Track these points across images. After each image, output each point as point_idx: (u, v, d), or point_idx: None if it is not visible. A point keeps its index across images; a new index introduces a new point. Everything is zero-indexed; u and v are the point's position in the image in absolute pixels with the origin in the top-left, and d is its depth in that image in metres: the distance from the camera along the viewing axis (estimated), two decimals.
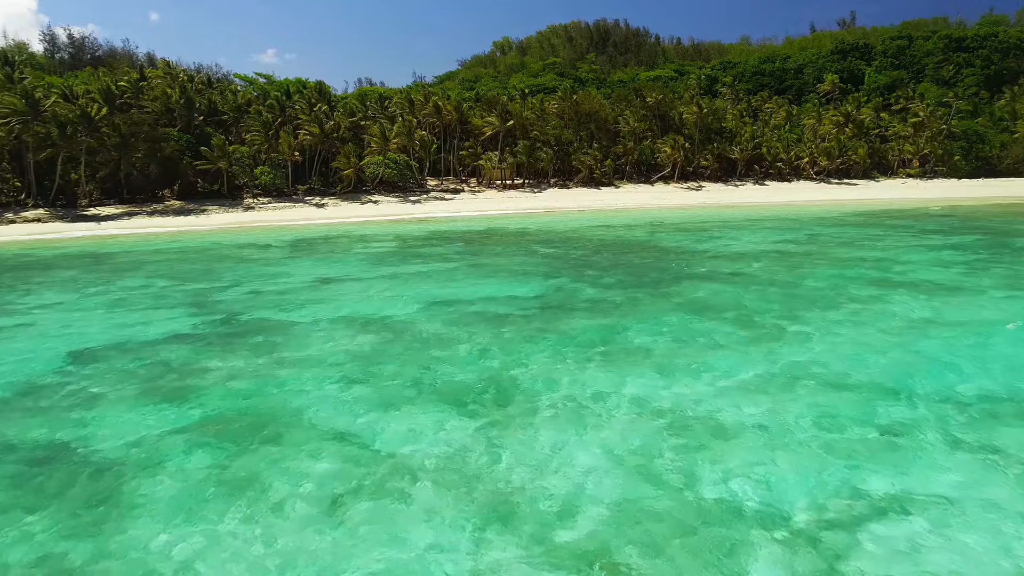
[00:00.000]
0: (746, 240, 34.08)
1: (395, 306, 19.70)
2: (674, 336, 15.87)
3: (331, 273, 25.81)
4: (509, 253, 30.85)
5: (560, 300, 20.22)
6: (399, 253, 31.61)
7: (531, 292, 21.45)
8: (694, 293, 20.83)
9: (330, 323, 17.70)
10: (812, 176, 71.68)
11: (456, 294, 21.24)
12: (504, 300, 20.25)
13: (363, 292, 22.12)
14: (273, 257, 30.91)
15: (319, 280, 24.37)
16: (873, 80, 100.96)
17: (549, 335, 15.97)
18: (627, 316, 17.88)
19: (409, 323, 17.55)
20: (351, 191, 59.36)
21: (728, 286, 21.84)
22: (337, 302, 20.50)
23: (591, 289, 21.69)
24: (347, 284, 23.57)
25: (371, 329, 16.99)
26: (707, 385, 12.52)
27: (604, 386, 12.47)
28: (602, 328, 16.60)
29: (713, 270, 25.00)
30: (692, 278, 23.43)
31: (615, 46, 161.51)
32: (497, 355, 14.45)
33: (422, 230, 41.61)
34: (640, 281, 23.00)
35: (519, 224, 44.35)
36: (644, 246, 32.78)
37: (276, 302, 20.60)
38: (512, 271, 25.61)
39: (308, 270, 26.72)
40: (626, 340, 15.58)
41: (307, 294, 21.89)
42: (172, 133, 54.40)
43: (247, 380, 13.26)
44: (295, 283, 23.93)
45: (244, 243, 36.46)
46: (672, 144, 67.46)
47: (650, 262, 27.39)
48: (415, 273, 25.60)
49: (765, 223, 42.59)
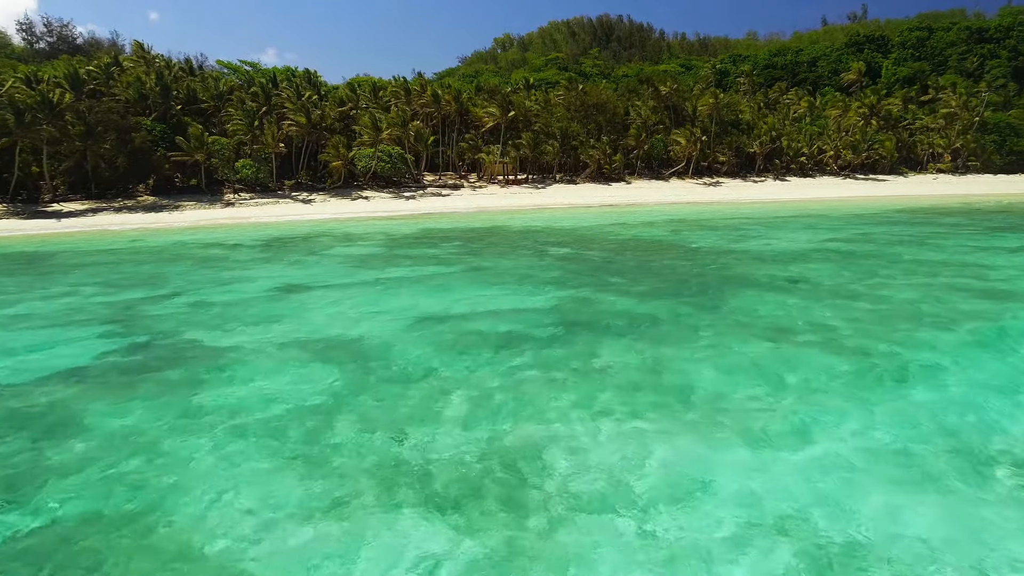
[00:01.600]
0: (786, 239, 29.53)
1: (370, 325, 15.18)
2: (752, 374, 11.33)
3: (300, 279, 21.28)
4: (515, 254, 26.34)
5: (584, 316, 15.69)
6: (386, 255, 27.09)
7: (545, 304, 16.93)
8: (754, 306, 16.30)
9: (279, 351, 13.16)
10: (836, 171, 67.03)
11: (451, 307, 16.72)
12: (511, 316, 15.72)
13: (333, 305, 17.59)
14: (238, 259, 26.39)
15: (283, 288, 19.85)
16: (892, 73, 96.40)
17: (577, 374, 11.43)
18: (677, 341, 13.34)
19: (384, 352, 13.00)
20: (341, 186, 54.82)
21: (794, 297, 17.31)
22: (297, 319, 15.97)
23: (621, 301, 17.15)
24: (316, 293, 19.04)
25: (332, 361, 12.45)
26: (830, 466, 7.99)
27: (672, 476, 7.92)
28: (648, 361, 12.06)
29: (765, 275, 20.45)
30: (744, 285, 18.89)
31: (619, 41, 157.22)
32: (506, 412, 9.84)
33: (415, 228, 37.08)
34: (680, 290, 18.46)
35: (524, 221, 39.82)
36: (671, 246, 28.24)
37: (220, 318, 16.08)
38: (519, 276, 21.08)
39: (274, 275, 22.20)
40: (686, 381, 11.05)
41: (262, 307, 17.36)
42: (145, 122, 49.89)
43: (125, 456, 8.72)
44: (252, 292, 19.41)
45: (211, 242, 31.94)
46: (687, 137, 62.86)
47: (684, 266, 22.85)
48: (402, 279, 21.08)
49: (799, 220, 38.02)
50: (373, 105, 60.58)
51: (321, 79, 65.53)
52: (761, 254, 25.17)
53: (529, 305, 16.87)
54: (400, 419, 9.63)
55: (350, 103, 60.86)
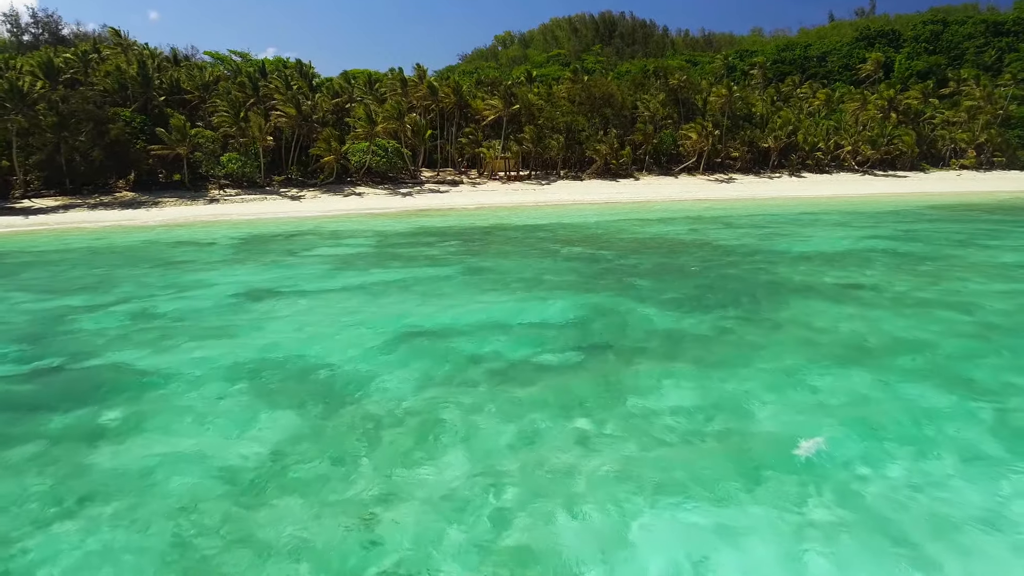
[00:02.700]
0: (821, 238, 26.51)
1: (342, 345, 12.18)
2: (853, 422, 8.32)
3: (272, 283, 18.29)
4: (520, 254, 23.33)
5: (608, 333, 12.68)
6: (375, 255, 24.08)
7: (559, 316, 13.92)
8: (811, 318, 13.29)
9: (219, 384, 10.16)
10: (854, 167, 63.91)
11: (444, 319, 13.72)
12: (518, 332, 12.73)
13: (302, 316, 14.59)
14: (207, 260, 23.39)
15: (248, 294, 16.84)
16: (905, 67, 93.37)
17: (610, 423, 8.43)
18: (733, 369, 10.33)
19: (354, 387, 9.99)
20: (333, 182, 51.79)
21: (856, 305, 14.29)
22: (254, 336, 12.97)
23: (650, 311, 14.15)
24: (285, 302, 16.03)
25: (283, 402, 9.44)
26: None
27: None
28: (702, 403, 9.05)
29: (812, 279, 17.44)
30: (792, 292, 15.88)
31: (622, 37, 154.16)
32: (516, 495, 6.83)
33: (410, 226, 34.08)
34: (718, 298, 15.45)
35: (528, 219, 36.81)
36: (694, 245, 25.21)
37: (160, 335, 13.08)
38: (527, 281, 18.07)
39: (242, 278, 19.20)
40: (760, 436, 8.04)
41: (216, 319, 14.36)
42: (124, 113, 46.86)
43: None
44: (211, 300, 16.41)
45: (183, 241, 28.95)
46: (699, 131, 59.75)
47: (715, 267, 19.83)
48: (390, 283, 18.08)
49: (827, 217, 34.99)
50: (368, 97, 57.53)
51: (313, 70, 62.50)
52: (799, 254, 22.14)
53: (539, 317, 13.87)
54: (367, 502, 6.63)
55: (344, 95, 57.79)
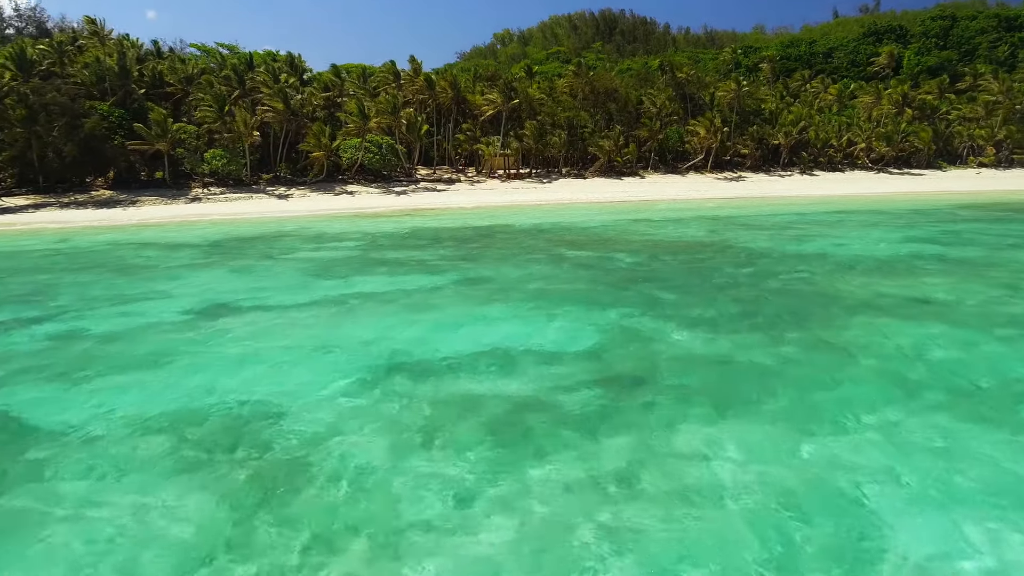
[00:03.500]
0: (856, 240, 23.93)
1: (300, 381, 9.56)
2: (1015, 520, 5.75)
3: (235, 295, 15.68)
4: (522, 260, 20.73)
5: (637, 366, 10.07)
6: (360, 259, 21.46)
7: (574, 342, 11.31)
8: (893, 344, 10.70)
9: (132, 439, 7.53)
10: (868, 165, 61.37)
11: (432, 347, 11.10)
12: (525, 366, 10.12)
13: (260, 340, 11.98)
14: (171, 265, 20.75)
15: (204, 309, 14.23)
16: (915, 63, 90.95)
17: (652, 501, 5.83)
18: (809, 424, 7.73)
19: (309, 452, 7.34)
20: (323, 180, 49.16)
21: (936, 325, 11.70)
22: (195, 367, 10.35)
23: (684, 336, 11.54)
24: (244, 320, 13.41)
25: (207, 472, 6.82)
26: None
27: None
28: (781, 477, 6.45)
29: (871, 292, 14.86)
30: (850, 307, 13.29)
31: (622, 35, 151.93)
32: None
33: (403, 227, 31.47)
34: (765, 317, 12.84)
35: (530, 220, 34.21)
36: (717, 250, 22.61)
37: (78, 364, 10.47)
38: (531, 293, 15.47)
39: (203, 288, 16.59)
40: (870, 531, 5.45)
41: (153, 343, 11.74)
42: (102, 107, 44.20)
43: None
44: (157, 316, 13.79)
45: (152, 243, 26.33)
46: (707, 127, 57.16)
47: (750, 277, 17.23)
48: (372, 296, 15.48)
49: (853, 217, 32.43)
50: (361, 91, 54.89)
51: (305, 64, 59.79)
52: (840, 260, 19.57)
53: (547, 343, 11.26)
54: None
55: (335, 89, 55.14)
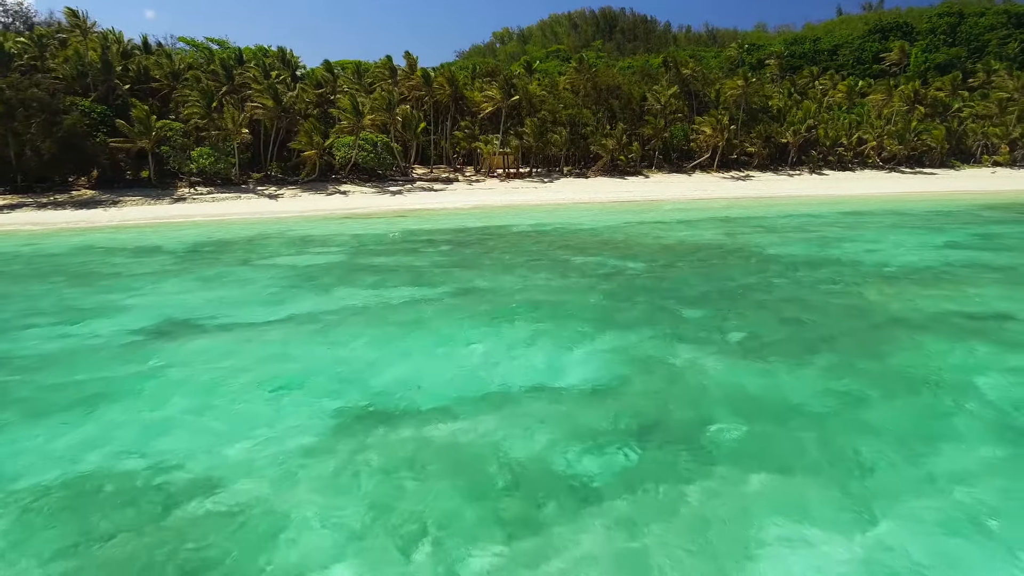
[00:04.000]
0: (888, 245, 22.02)
1: (248, 437, 7.62)
2: None
3: (196, 309, 13.74)
4: (524, 267, 18.82)
5: (669, 407, 8.14)
6: (345, 267, 19.53)
7: (589, 374, 9.37)
8: (972, 376, 8.80)
9: (16, 515, 5.63)
10: (879, 164, 59.46)
11: (416, 385, 9.14)
12: (531, 409, 8.18)
13: (215, 369, 10.03)
14: (137, 272, 18.80)
15: (155, 329, 12.29)
16: (922, 60, 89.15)
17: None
18: (896, 500, 5.82)
19: (243, 541, 5.44)
20: (316, 180, 47.21)
21: (1017, 349, 9.80)
22: (122, 411, 8.40)
23: (719, 364, 9.61)
24: (197, 344, 11.47)
25: (104, 548, 4.91)
26: None
27: None
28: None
29: (924, 306, 12.95)
30: (907, 327, 11.38)
31: (623, 33, 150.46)
32: None
33: (395, 229, 29.53)
34: (808, 339, 10.91)
35: (531, 221, 32.28)
36: (736, 256, 20.69)
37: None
38: (535, 308, 13.55)
39: (164, 301, 14.66)
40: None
41: (85, 373, 9.78)
42: (83, 103, 42.23)
43: None
44: (102, 336, 11.86)
45: (125, 247, 24.36)
46: (713, 125, 55.23)
47: (780, 288, 15.30)
48: (352, 312, 13.55)
49: (875, 220, 30.52)
50: (355, 87, 52.91)
51: (298, 60, 57.81)
52: (875, 268, 17.64)
53: (557, 377, 9.32)
54: None
55: (328, 85, 53.16)
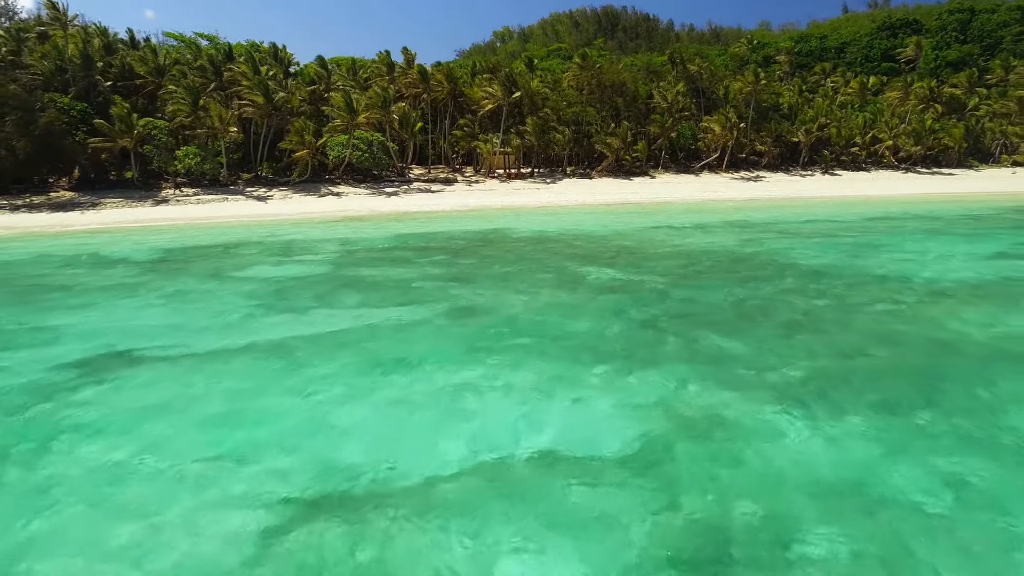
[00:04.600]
0: (925, 256, 19.92)
1: (163, 540, 5.54)
2: None
3: (147, 335, 11.66)
4: (528, 280, 16.74)
5: (735, 496, 6.05)
6: (328, 280, 17.44)
7: (614, 435, 7.26)
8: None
9: None
10: (894, 164, 57.35)
11: (391, 451, 7.04)
12: (544, 491, 6.07)
13: (140, 429, 7.93)
14: (93, 286, 16.71)
15: (89, 361, 10.21)
16: (933, 57, 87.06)
17: None
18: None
19: None
20: (308, 180, 45.15)
21: None
22: (15, 478, 6.34)
23: (792, 423, 7.51)
24: (135, 385, 9.37)
25: None
26: None
27: None
28: None
29: (998, 335, 10.88)
30: (1003, 366, 9.31)
31: (625, 31, 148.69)
32: None
33: (388, 234, 27.46)
34: (890, 385, 8.82)
35: (534, 225, 30.19)
36: (765, 267, 18.58)
37: None
38: (543, 336, 11.46)
39: (112, 324, 12.58)
40: None
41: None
42: (62, 100, 40.17)
43: None
44: (26, 370, 9.76)
45: (91, 255, 22.26)
46: (722, 123, 53.12)
47: (827, 310, 13.20)
48: (325, 343, 11.46)
49: (907, 224, 28.40)
50: (350, 84, 50.81)
51: (291, 56, 55.70)
52: (925, 284, 15.53)
53: (573, 434, 7.23)
54: None
55: (322, 82, 51.07)
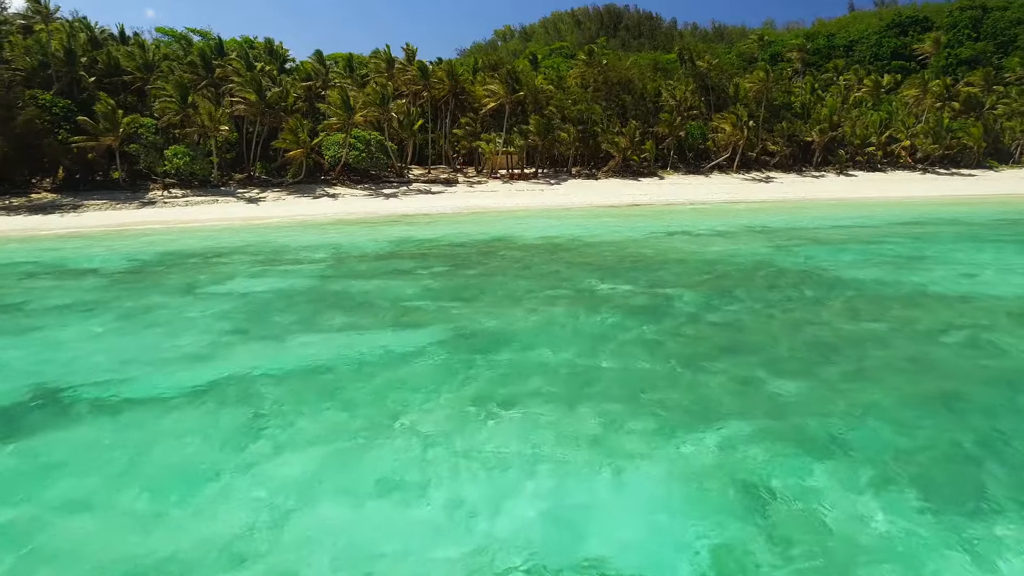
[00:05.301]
0: (994, 269, 17.97)
1: None
2: None
3: (91, 370, 9.75)
4: (540, 298, 14.82)
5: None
6: (313, 295, 15.51)
7: (677, 547, 5.35)
8: None
9: None
10: (911, 164, 55.35)
11: (376, 549, 5.12)
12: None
13: (43, 503, 6.03)
14: (47, 304, 14.80)
15: (10, 409, 8.30)
16: (945, 55, 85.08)
17: None
18: None
19: None
20: (303, 181, 43.23)
21: None
22: None
23: (899, 516, 5.58)
24: (55, 445, 7.49)
25: None
26: None
27: None
28: None
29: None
30: None
31: (627, 30, 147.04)
32: None
33: (386, 239, 25.51)
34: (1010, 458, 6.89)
35: (540, 230, 28.24)
36: (808, 283, 16.60)
37: None
38: (563, 371, 9.52)
39: (54, 353, 10.67)
40: None
41: None
42: (45, 97, 38.30)
43: None
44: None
45: (57, 264, 20.35)
46: (733, 122, 51.14)
47: (894, 336, 11.26)
48: (309, 377, 9.52)
49: (943, 231, 26.41)
50: (347, 81, 48.88)
51: (287, 52, 53.77)
52: (1000, 304, 13.60)
53: (622, 537, 5.30)
54: None
55: (318, 78, 49.15)
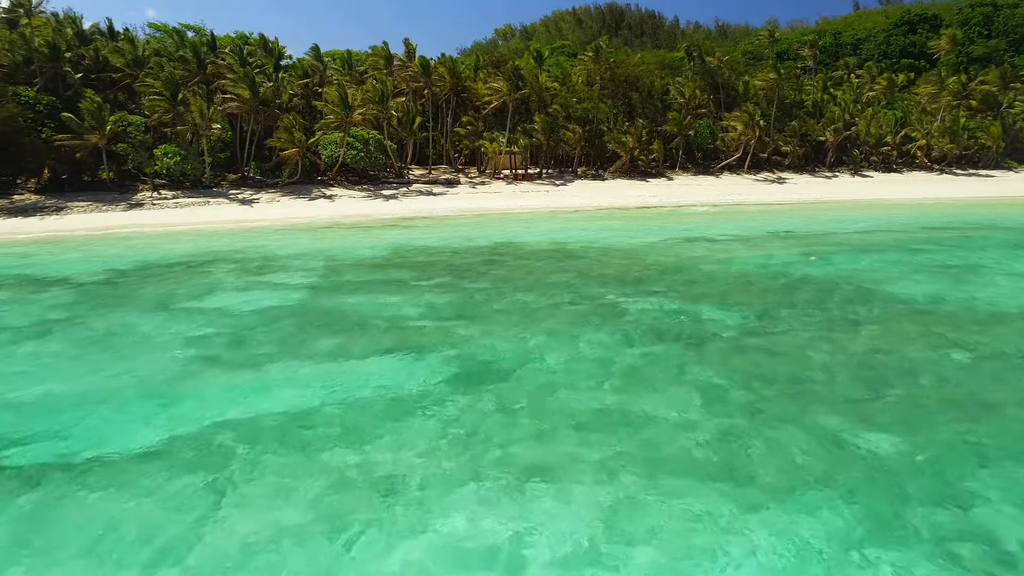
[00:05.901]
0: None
1: None
2: None
3: (32, 416, 8.08)
4: (556, 314, 13.14)
5: None
6: (298, 312, 13.83)
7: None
8: None
9: None
10: (928, 165, 53.67)
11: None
12: None
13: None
14: (1, 322, 13.14)
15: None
16: (956, 52, 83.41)
17: None
18: None
19: None
20: (299, 182, 41.55)
21: None
22: None
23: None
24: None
25: None
26: None
27: None
28: None
29: None
30: None
31: (629, 28, 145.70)
32: None
33: (383, 245, 23.82)
34: None
35: (548, 235, 26.53)
36: (854, 300, 14.89)
37: None
38: (596, 419, 7.83)
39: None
40: None
41: None
42: (28, 93, 36.62)
43: None
44: None
45: (20, 274, 18.66)
46: (745, 121, 49.43)
47: (992, 368, 9.59)
48: (287, 424, 7.82)
49: (985, 238, 24.72)
50: (345, 78, 47.20)
51: (283, 48, 52.05)
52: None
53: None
54: None
55: (315, 75, 47.47)
